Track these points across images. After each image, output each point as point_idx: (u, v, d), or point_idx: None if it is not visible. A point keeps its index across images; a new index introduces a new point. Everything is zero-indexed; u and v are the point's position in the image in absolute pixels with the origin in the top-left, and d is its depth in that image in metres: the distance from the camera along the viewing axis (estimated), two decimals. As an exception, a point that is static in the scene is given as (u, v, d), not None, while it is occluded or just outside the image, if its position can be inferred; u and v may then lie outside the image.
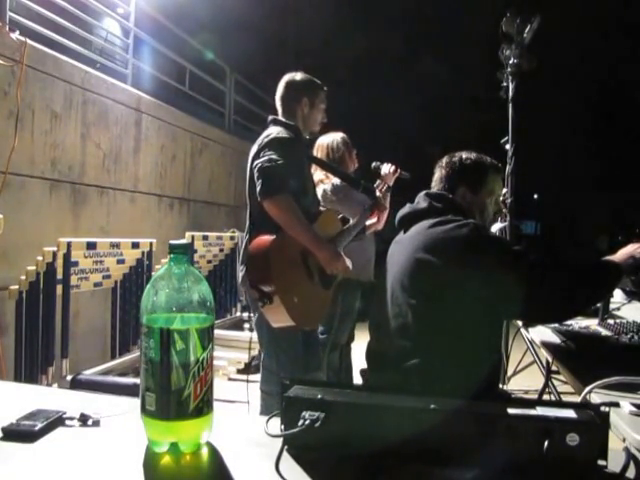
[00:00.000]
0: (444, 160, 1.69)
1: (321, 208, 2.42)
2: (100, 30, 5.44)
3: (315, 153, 2.92)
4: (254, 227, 2.13)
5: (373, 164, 2.81)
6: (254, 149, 2.14)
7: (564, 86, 12.04)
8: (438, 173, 1.68)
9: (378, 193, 2.57)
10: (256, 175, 2.03)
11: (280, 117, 2.29)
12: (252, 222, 2.17)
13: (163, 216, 5.15)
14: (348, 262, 2.21)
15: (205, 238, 4.71)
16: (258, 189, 2.00)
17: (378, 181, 2.66)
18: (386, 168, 2.74)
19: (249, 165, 2.13)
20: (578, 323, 1.93)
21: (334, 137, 2.97)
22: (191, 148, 5.69)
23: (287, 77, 2.33)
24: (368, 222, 2.55)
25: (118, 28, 5.59)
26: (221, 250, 4.94)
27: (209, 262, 4.80)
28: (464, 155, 1.67)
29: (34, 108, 3.52)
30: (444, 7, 10.38)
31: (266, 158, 2.01)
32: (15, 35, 3.32)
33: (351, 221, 2.43)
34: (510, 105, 4.00)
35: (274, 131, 2.16)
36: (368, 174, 2.82)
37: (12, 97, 3.28)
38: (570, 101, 12.40)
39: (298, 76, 2.33)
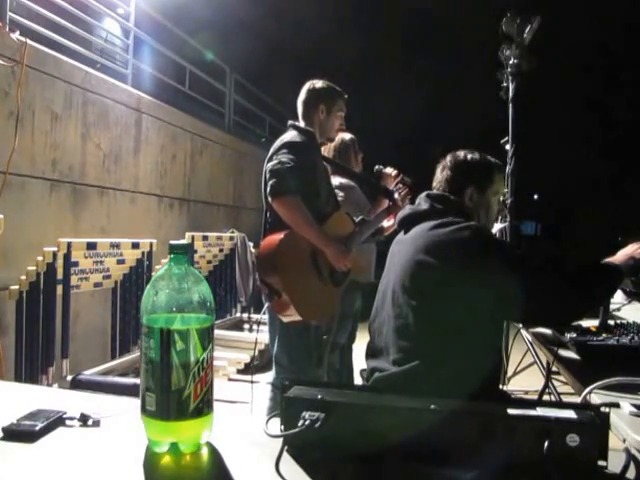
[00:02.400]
0: (448, 159, 1.66)
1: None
2: (100, 30, 5.44)
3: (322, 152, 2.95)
4: (269, 226, 2.21)
5: (376, 167, 2.82)
6: (269, 153, 2.23)
7: (564, 86, 12.04)
8: (443, 173, 1.66)
9: (397, 196, 2.61)
10: (267, 177, 2.13)
11: (298, 122, 2.37)
12: (267, 222, 2.24)
13: (163, 216, 5.15)
14: (360, 260, 2.27)
15: (205, 238, 4.72)
16: (267, 190, 2.10)
17: (399, 185, 2.69)
18: (388, 172, 2.77)
19: (264, 169, 2.21)
20: (579, 324, 1.93)
21: (342, 137, 2.97)
22: (191, 148, 5.69)
23: (308, 84, 2.40)
24: (386, 224, 2.59)
25: (118, 28, 5.59)
26: (221, 250, 4.94)
27: (209, 262, 4.81)
28: (469, 155, 1.65)
29: (34, 108, 3.52)
30: (444, 7, 10.38)
31: (276, 161, 2.11)
32: (15, 35, 3.32)
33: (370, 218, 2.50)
34: (510, 105, 4.00)
35: (288, 136, 2.25)
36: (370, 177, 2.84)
37: (12, 97, 3.28)
38: (570, 101, 12.40)
39: (319, 83, 2.39)
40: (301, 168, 2.12)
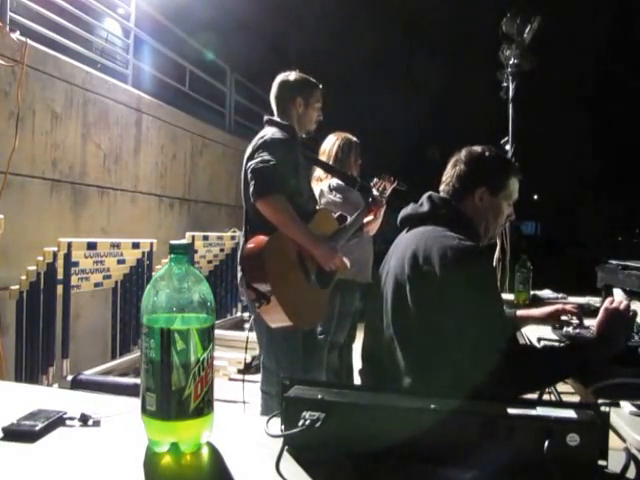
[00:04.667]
0: (463, 154, 1.52)
1: (317, 207, 2.41)
2: (101, 30, 5.44)
3: (324, 149, 2.94)
4: (250, 229, 2.13)
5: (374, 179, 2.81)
6: (248, 151, 2.14)
7: (564, 86, 12.05)
8: (455, 168, 1.52)
9: (375, 191, 2.57)
10: (249, 177, 2.03)
11: (275, 117, 2.28)
12: (248, 224, 2.16)
13: (163, 216, 5.15)
14: (346, 260, 2.22)
15: (205, 238, 4.71)
16: (251, 190, 2.01)
17: (375, 179, 2.65)
18: (386, 176, 2.75)
19: (243, 167, 2.13)
20: (578, 324, 1.92)
21: (349, 137, 2.97)
22: (191, 148, 5.69)
23: (281, 77, 2.33)
24: (365, 220, 2.54)
25: (119, 28, 5.59)
26: (221, 250, 4.94)
27: (209, 262, 4.80)
28: (487, 151, 1.51)
29: (35, 108, 3.53)
30: (444, 8, 10.39)
31: (259, 159, 2.01)
32: (16, 35, 3.32)
33: (348, 219, 2.43)
34: (510, 105, 4.00)
35: (269, 132, 2.16)
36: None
37: (13, 97, 3.28)
38: (570, 101, 12.41)
39: (292, 75, 2.32)
40: (284, 166, 2.04)
